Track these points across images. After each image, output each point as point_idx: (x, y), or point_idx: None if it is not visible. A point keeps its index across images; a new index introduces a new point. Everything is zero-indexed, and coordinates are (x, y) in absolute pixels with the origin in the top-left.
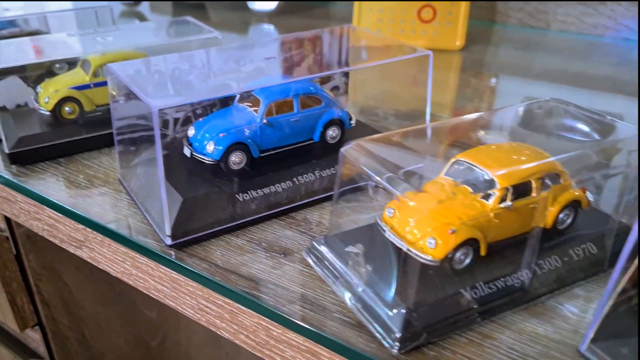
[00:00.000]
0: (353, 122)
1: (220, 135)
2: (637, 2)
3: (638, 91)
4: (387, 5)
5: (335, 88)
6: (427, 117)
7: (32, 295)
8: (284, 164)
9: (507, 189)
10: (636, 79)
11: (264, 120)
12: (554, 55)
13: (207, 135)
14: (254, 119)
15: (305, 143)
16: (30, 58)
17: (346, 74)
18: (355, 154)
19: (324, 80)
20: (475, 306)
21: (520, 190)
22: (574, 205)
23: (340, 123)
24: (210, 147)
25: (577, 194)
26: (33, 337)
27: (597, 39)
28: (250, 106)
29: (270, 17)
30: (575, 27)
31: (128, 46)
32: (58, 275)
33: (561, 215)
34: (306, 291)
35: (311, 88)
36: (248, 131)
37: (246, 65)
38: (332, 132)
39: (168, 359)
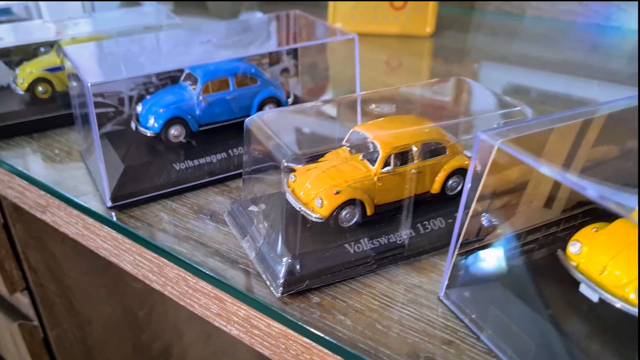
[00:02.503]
0: (290, 100)
1: (160, 110)
2: None
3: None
4: None
5: (285, 70)
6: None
7: (20, 262)
8: (221, 138)
9: (389, 155)
10: (606, 64)
11: (201, 97)
12: (522, 41)
13: (149, 110)
14: (192, 96)
15: (243, 119)
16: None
17: (295, 57)
18: (259, 125)
19: (274, 62)
20: (357, 259)
21: (403, 156)
22: (463, 173)
23: (276, 101)
24: (151, 121)
25: (466, 162)
26: (23, 301)
27: (570, 25)
28: (190, 84)
29: (260, 5)
30: (549, 14)
31: (97, 31)
32: (44, 245)
33: (450, 182)
34: (221, 247)
35: (247, 68)
36: (187, 107)
37: (195, 47)
38: (269, 109)
39: (156, 330)
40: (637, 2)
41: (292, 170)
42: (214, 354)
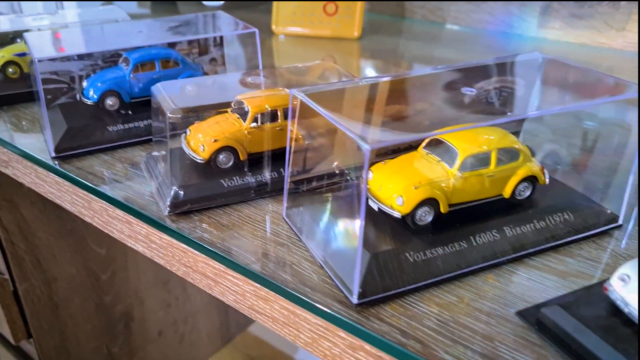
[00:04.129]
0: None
1: (99, 84)
2: (512, 1)
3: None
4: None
5: (213, 59)
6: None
7: None
8: (148, 108)
9: (256, 114)
10: None
11: (132, 76)
12: (439, 44)
13: (91, 84)
14: (125, 74)
15: None
16: None
17: (222, 47)
18: (161, 92)
19: (203, 52)
20: (229, 191)
21: (268, 116)
22: None
23: None
24: (91, 92)
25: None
26: None
27: (481, 32)
28: (125, 66)
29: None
30: (464, 22)
31: (62, 24)
32: (16, 207)
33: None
34: (134, 185)
35: (171, 54)
36: (121, 83)
37: (132, 37)
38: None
39: (118, 293)
40: (534, 13)
41: (186, 127)
42: (174, 322)
